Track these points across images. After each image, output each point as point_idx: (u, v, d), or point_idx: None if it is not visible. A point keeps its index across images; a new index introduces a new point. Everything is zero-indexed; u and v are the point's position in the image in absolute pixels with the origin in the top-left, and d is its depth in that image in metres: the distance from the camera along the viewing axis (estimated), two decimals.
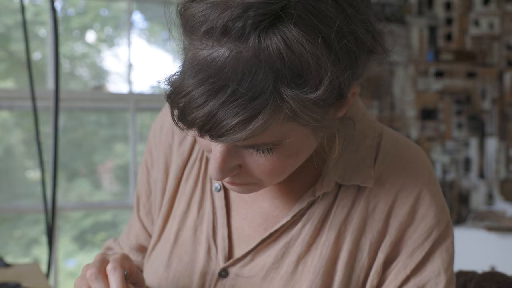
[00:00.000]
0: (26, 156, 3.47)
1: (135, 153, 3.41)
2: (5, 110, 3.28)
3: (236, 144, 0.65)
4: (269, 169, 0.68)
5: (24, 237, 3.40)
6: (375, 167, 0.78)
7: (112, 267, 0.70)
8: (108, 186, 3.68)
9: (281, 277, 0.77)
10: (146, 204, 0.95)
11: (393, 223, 0.76)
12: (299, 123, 0.64)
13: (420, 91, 3.63)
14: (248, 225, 0.82)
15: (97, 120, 3.56)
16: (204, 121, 0.61)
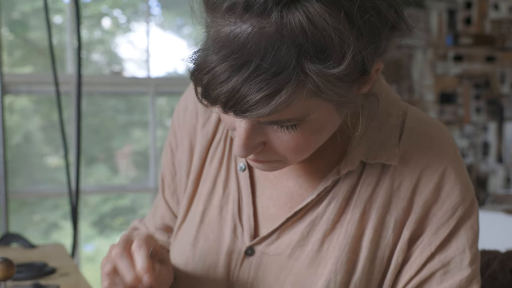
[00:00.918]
0: (44, 142, 3.50)
1: (155, 138, 3.43)
2: (24, 95, 3.31)
3: (260, 120, 0.66)
4: (293, 145, 0.68)
5: (44, 222, 3.44)
6: (399, 146, 0.78)
7: (137, 245, 0.72)
8: (126, 172, 3.70)
9: (307, 255, 0.78)
10: (171, 185, 0.96)
11: (418, 201, 0.77)
12: (323, 99, 0.64)
13: (439, 75, 3.61)
14: (273, 204, 0.83)
15: (115, 106, 3.58)
16: (228, 97, 0.61)
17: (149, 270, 0.70)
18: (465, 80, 3.65)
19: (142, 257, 0.71)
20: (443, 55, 3.62)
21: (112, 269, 0.73)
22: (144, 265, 0.70)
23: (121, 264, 0.71)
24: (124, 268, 0.71)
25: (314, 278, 0.76)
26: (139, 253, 0.71)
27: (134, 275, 0.70)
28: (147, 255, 0.71)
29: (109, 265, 0.73)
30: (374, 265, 0.77)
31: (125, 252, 0.72)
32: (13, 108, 3.28)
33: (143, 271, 0.70)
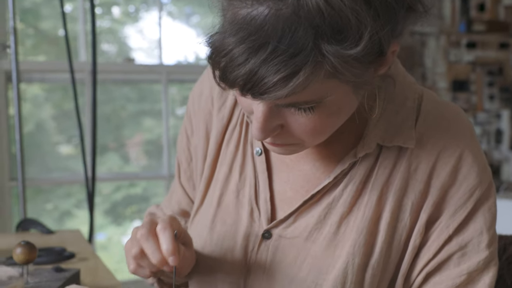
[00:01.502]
0: (56, 131, 3.52)
1: (168, 125, 3.45)
2: (36, 84, 3.33)
3: (277, 103, 0.66)
4: (310, 128, 0.69)
5: (57, 210, 3.47)
6: (416, 128, 0.78)
7: (162, 227, 0.72)
8: (138, 161, 3.72)
9: (324, 237, 0.78)
10: (187, 171, 0.97)
11: (435, 184, 0.77)
12: (340, 80, 0.64)
13: (452, 62, 3.59)
14: (290, 188, 0.83)
15: (126, 94, 3.59)
16: (246, 79, 0.62)
17: (174, 252, 0.70)
18: (478, 67, 3.63)
19: (167, 239, 0.71)
20: (456, 42, 3.59)
21: (139, 252, 0.73)
22: (170, 247, 0.71)
23: (147, 246, 0.72)
24: (150, 250, 0.72)
25: (332, 261, 0.77)
26: (164, 235, 0.72)
27: (160, 257, 0.71)
28: (172, 237, 0.71)
29: (136, 248, 0.73)
30: (391, 248, 0.77)
31: (151, 234, 0.72)
32: (25, 96, 3.30)
33: (169, 253, 0.70)
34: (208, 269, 0.86)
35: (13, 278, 0.86)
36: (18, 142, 1.52)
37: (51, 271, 0.92)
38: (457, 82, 3.61)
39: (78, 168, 3.48)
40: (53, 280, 0.87)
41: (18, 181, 1.56)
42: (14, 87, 1.53)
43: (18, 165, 1.55)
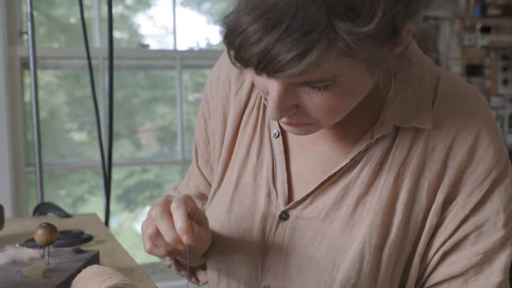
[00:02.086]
0: (69, 118, 3.54)
1: (182, 110, 3.46)
2: (49, 70, 3.34)
3: (292, 82, 0.67)
4: (325, 107, 0.69)
5: (70, 196, 3.49)
6: (433, 109, 0.79)
7: (175, 206, 0.73)
8: (150, 147, 3.73)
9: (341, 218, 0.79)
10: (205, 153, 0.98)
11: (452, 164, 0.77)
12: (354, 59, 0.64)
13: (466, 47, 3.55)
14: (307, 169, 0.84)
15: (138, 81, 3.59)
16: (260, 58, 0.62)
17: (188, 230, 0.71)
18: (492, 51, 3.59)
19: (181, 217, 0.72)
20: (470, 26, 3.56)
21: (154, 232, 0.74)
22: (183, 225, 0.71)
23: (161, 224, 0.73)
24: (164, 229, 0.73)
25: (349, 241, 0.78)
26: (178, 213, 0.72)
27: (174, 235, 0.72)
28: (185, 215, 0.72)
29: (151, 228, 0.74)
30: (408, 228, 0.78)
31: (165, 213, 0.73)
32: (39, 84, 3.31)
33: (182, 231, 0.71)
34: (226, 250, 0.87)
35: (35, 259, 0.87)
36: (35, 127, 1.53)
37: (71, 252, 0.93)
38: (471, 67, 3.58)
39: (91, 155, 3.50)
40: (74, 261, 0.88)
41: (35, 165, 1.57)
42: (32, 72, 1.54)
43: (35, 149, 1.56)
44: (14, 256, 0.87)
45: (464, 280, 0.78)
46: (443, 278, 0.79)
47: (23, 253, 0.88)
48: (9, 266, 0.85)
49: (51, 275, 0.81)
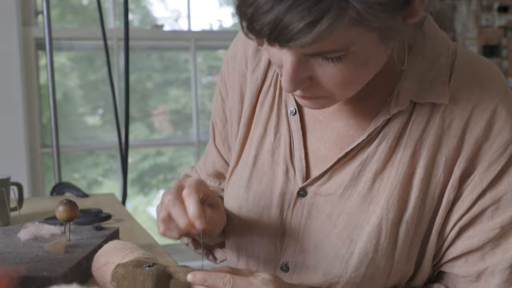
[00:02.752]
0: (83, 100, 3.55)
1: (196, 91, 3.46)
2: (62, 52, 3.35)
3: (304, 52, 0.66)
4: (339, 79, 0.69)
5: (84, 179, 3.51)
6: (450, 84, 0.78)
7: (187, 193, 0.74)
8: (163, 131, 3.74)
9: (359, 193, 0.79)
10: (222, 132, 0.98)
11: (469, 139, 0.77)
12: (366, 28, 0.64)
13: (483, 27, 3.52)
14: (324, 146, 0.84)
15: (151, 65, 3.59)
16: (271, 27, 0.62)
17: (200, 216, 0.72)
18: (509, 31, 3.55)
19: (193, 203, 0.73)
20: (487, 6, 3.51)
21: (167, 216, 0.75)
22: (196, 212, 0.72)
23: (174, 211, 0.74)
24: (177, 215, 0.73)
25: (366, 216, 0.78)
26: (190, 200, 0.73)
27: (187, 221, 0.73)
28: (197, 201, 0.73)
29: (164, 212, 0.75)
30: (425, 203, 0.78)
31: (177, 200, 0.74)
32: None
33: (195, 217, 0.72)
34: (244, 228, 0.87)
35: (56, 235, 0.88)
36: (51, 107, 1.53)
37: (91, 229, 0.93)
38: (488, 47, 3.54)
39: (104, 138, 3.52)
40: (94, 238, 0.89)
41: (52, 146, 1.58)
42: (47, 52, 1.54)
43: (52, 128, 1.57)
44: (36, 233, 0.88)
45: (481, 255, 0.78)
46: (460, 253, 0.79)
47: (45, 229, 0.89)
48: (31, 242, 0.86)
49: (72, 250, 0.82)
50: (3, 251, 0.81)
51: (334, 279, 0.79)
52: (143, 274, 0.67)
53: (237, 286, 0.68)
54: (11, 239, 0.88)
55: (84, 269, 0.79)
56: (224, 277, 0.68)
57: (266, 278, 0.70)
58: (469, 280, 0.79)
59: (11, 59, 2.97)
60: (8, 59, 2.97)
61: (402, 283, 0.82)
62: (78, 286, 0.45)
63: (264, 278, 0.71)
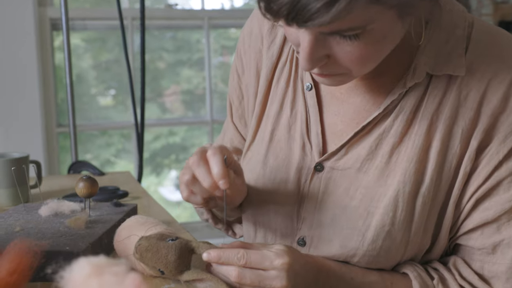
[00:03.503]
0: (95, 81, 3.56)
1: (209, 70, 3.46)
2: (77, 32, 3.35)
3: (322, 31, 0.67)
4: (356, 56, 0.69)
5: (97, 159, 3.54)
6: (466, 56, 0.78)
7: (212, 153, 0.74)
8: (175, 111, 3.74)
9: (376, 167, 0.80)
10: (239, 109, 0.98)
11: (486, 111, 0.77)
12: (383, 6, 0.64)
13: (498, 3, 3.47)
14: (341, 121, 0.84)
15: (163, 45, 3.59)
16: (290, 7, 0.62)
17: (224, 175, 0.72)
18: None
19: (218, 163, 0.73)
20: None
21: (191, 178, 0.76)
22: (220, 171, 0.72)
23: (198, 171, 0.74)
24: (202, 175, 0.74)
25: (384, 190, 0.79)
26: (214, 159, 0.73)
27: (211, 180, 0.73)
28: (222, 161, 0.73)
29: (188, 175, 0.76)
30: (441, 176, 0.78)
31: (202, 160, 0.74)
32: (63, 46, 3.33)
33: (219, 177, 0.72)
34: (261, 203, 0.88)
35: (76, 211, 0.89)
36: (68, 86, 1.54)
37: (110, 205, 0.95)
38: (504, 23, 3.50)
39: (116, 119, 3.53)
40: (114, 214, 0.90)
41: (69, 124, 1.59)
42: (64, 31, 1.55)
43: (68, 107, 1.58)
44: (57, 209, 0.89)
45: (497, 226, 0.78)
46: (476, 225, 0.79)
47: (65, 205, 0.90)
48: (52, 218, 0.87)
49: (93, 226, 0.83)
50: (25, 226, 0.83)
51: (351, 252, 0.80)
52: (166, 247, 0.68)
53: (251, 260, 0.69)
54: (32, 215, 0.89)
55: (105, 244, 0.80)
56: (238, 253, 0.70)
57: (280, 250, 0.72)
58: (485, 252, 0.80)
59: (27, 40, 2.98)
60: (24, 40, 2.98)
61: (419, 256, 0.83)
62: (105, 257, 0.46)
63: (277, 249, 0.72)
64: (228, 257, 0.69)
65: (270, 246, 0.73)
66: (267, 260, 0.70)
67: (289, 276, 0.70)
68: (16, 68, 3.00)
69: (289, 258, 0.71)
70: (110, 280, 0.43)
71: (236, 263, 0.69)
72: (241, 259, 0.69)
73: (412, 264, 0.82)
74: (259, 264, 0.70)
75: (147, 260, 0.68)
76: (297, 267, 0.72)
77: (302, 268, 0.73)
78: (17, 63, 2.99)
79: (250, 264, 0.69)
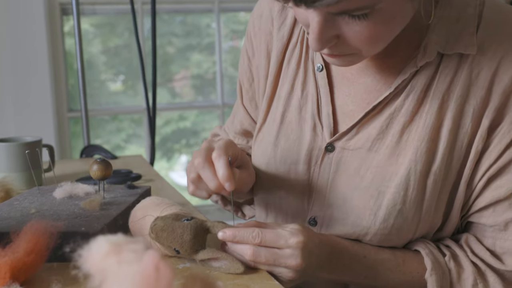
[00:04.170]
0: (105, 66, 3.56)
1: (220, 53, 3.45)
2: (86, 17, 3.35)
3: (331, 11, 0.67)
4: (365, 36, 0.69)
5: (107, 144, 3.55)
6: (477, 35, 0.78)
7: (216, 155, 0.75)
8: (185, 96, 3.75)
9: (387, 147, 0.80)
10: (249, 91, 0.99)
11: (497, 89, 0.77)
12: None
13: None
14: (352, 101, 0.85)
15: (172, 30, 3.58)
16: None
17: (229, 178, 0.73)
18: None
19: (222, 166, 0.74)
20: None
21: (197, 177, 0.77)
22: (225, 174, 0.73)
23: (203, 173, 0.75)
24: (207, 177, 0.75)
25: (395, 169, 0.79)
26: (219, 162, 0.74)
27: (217, 183, 0.74)
28: (226, 163, 0.74)
29: (193, 174, 0.77)
30: (453, 154, 0.79)
31: (207, 162, 0.75)
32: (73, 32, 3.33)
33: (224, 179, 0.73)
34: (272, 184, 0.88)
35: (90, 194, 0.90)
36: (79, 68, 1.55)
37: (124, 188, 0.95)
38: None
39: (127, 104, 3.54)
40: (128, 196, 0.91)
41: (81, 108, 1.60)
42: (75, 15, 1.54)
43: (80, 90, 1.58)
44: (71, 191, 0.90)
45: (509, 204, 0.79)
46: (488, 203, 0.79)
47: (79, 188, 0.91)
48: (67, 200, 0.88)
49: (107, 207, 0.84)
50: (40, 209, 0.83)
51: (363, 231, 0.80)
52: (181, 227, 0.69)
53: (266, 238, 0.70)
54: (46, 198, 0.90)
55: (120, 226, 0.80)
56: (253, 231, 0.70)
57: (295, 229, 0.72)
58: (497, 229, 0.80)
59: (37, 24, 2.99)
60: (33, 24, 2.99)
61: (430, 234, 0.83)
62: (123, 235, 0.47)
63: (292, 228, 0.72)
64: (243, 236, 0.70)
65: (284, 225, 0.74)
66: (282, 239, 0.71)
67: (303, 254, 0.71)
68: (26, 53, 3.01)
69: (303, 237, 0.71)
70: (129, 257, 0.43)
71: (251, 242, 0.70)
72: (256, 238, 0.70)
73: (424, 241, 0.82)
74: (274, 243, 0.70)
75: (163, 239, 0.69)
76: (311, 246, 0.73)
77: (316, 247, 0.74)
78: (28, 48, 3.00)
79: (265, 242, 0.70)
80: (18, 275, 0.62)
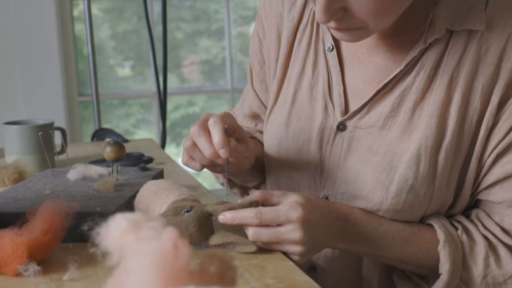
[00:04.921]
0: (113, 52, 3.56)
1: (230, 37, 3.44)
2: (95, 2, 3.34)
3: None
4: (372, 9, 0.69)
5: (117, 129, 3.56)
6: (486, 11, 0.78)
7: (212, 122, 0.75)
8: (194, 81, 3.74)
9: (399, 124, 0.80)
10: (260, 73, 0.99)
11: (506, 65, 0.77)
12: None
13: None
14: (362, 80, 0.85)
15: (181, 15, 3.57)
16: None
17: (224, 144, 0.73)
18: None
19: (218, 132, 0.74)
20: None
21: (192, 145, 0.77)
22: (220, 140, 0.73)
23: (199, 140, 0.75)
24: (202, 144, 0.75)
25: (406, 145, 0.79)
26: (215, 128, 0.74)
27: (212, 149, 0.74)
28: (222, 130, 0.74)
29: (189, 142, 0.77)
30: (463, 130, 0.79)
31: (202, 129, 0.75)
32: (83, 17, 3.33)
33: (220, 146, 0.73)
34: (284, 164, 0.89)
35: (103, 175, 0.90)
36: (90, 52, 1.55)
37: (137, 170, 0.96)
38: None
39: (136, 89, 3.54)
40: (141, 177, 0.91)
41: (91, 92, 1.60)
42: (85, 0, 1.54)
43: (91, 74, 1.59)
44: (84, 173, 0.90)
45: None
46: (496, 179, 0.80)
47: (92, 170, 0.91)
48: (81, 181, 0.89)
49: (121, 189, 0.84)
50: (54, 190, 0.84)
51: (375, 206, 0.80)
52: (183, 221, 0.68)
53: (265, 217, 0.70)
54: (60, 179, 0.91)
55: (133, 207, 0.81)
56: (251, 212, 0.70)
57: (295, 202, 0.72)
58: (505, 206, 0.80)
59: (46, 9, 2.99)
60: (43, 8, 2.99)
61: (442, 212, 0.83)
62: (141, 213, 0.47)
63: (292, 202, 0.72)
64: (242, 218, 0.70)
65: (287, 196, 0.74)
66: (282, 215, 0.71)
67: (305, 227, 0.71)
68: (37, 38, 3.01)
69: (303, 211, 0.71)
70: (147, 234, 0.43)
71: (250, 223, 0.70)
72: (255, 219, 0.70)
73: (436, 216, 0.83)
74: (274, 220, 0.71)
75: None
76: (314, 218, 0.73)
77: (323, 218, 0.74)
78: (38, 32, 3.00)
79: (265, 222, 0.70)
80: (35, 255, 0.63)
